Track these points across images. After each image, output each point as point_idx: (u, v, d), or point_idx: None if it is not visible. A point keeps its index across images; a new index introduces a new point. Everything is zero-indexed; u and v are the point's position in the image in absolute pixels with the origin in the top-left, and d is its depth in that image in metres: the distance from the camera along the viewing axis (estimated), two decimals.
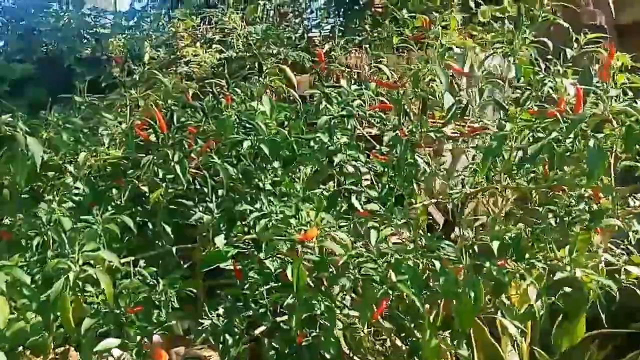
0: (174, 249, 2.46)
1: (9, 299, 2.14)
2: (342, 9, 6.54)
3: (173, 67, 5.77)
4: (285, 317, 2.50)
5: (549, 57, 2.57)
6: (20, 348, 2.30)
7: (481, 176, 2.10)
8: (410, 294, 1.79)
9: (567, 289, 2.10)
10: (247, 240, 2.57)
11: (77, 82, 2.94)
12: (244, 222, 2.62)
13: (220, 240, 2.47)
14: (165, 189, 2.47)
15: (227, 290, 2.49)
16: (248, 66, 4.62)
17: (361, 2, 6.10)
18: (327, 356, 2.12)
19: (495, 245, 1.92)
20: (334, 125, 2.47)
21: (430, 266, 1.91)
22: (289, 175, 2.59)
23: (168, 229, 2.46)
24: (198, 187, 2.68)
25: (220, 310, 2.31)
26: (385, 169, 2.32)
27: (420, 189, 2.38)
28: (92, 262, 2.13)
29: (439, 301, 1.97)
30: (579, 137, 1.98)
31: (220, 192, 2.55)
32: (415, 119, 2.16)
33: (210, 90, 3.11)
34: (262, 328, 2.42)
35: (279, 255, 2.52)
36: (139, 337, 2.17)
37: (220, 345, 2.30)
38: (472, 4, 5.09)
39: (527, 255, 1.98)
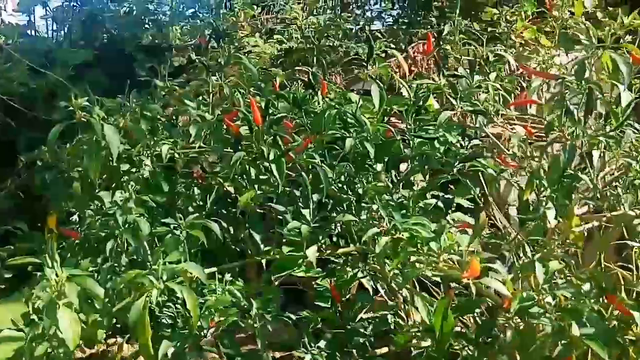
0: (263, 261, 2.11)
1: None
2: (407, 0, 6.20)
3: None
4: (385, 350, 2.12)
5: None
6: None
7: None
8: (602, 354, 1.36)
9: None
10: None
11: (157, 66, 2.64)
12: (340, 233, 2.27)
13: (312, 252, 2.12)
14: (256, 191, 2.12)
15: (321, 314, 2.13)
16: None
17: None
18: None
19: None
20: (457, 125, 2.06)
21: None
22: (396, 182, 2.19)
23: (257, 237, 2.11)
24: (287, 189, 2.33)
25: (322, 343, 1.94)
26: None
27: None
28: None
29: None
30: None
31: (315, 197, 2.19)
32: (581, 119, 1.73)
33: (298, 77, 2.75)
34: None
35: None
36: None
37: None
38: None
39: None
